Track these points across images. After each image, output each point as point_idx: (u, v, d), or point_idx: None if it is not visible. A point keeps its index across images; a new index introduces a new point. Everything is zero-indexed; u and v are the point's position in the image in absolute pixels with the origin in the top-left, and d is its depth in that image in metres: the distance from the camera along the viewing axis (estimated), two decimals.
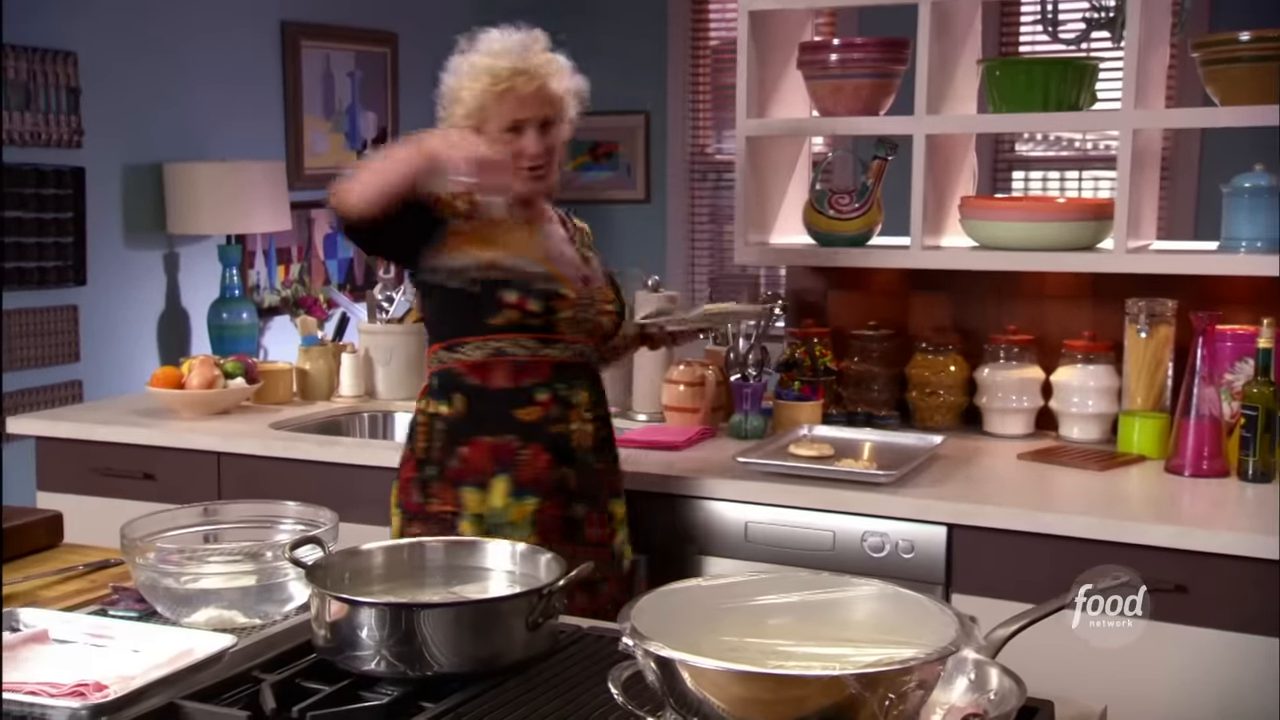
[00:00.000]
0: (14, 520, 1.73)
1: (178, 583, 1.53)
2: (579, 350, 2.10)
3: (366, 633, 1.37)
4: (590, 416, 2.11)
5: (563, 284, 2.06)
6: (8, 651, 1.37)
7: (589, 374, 2.13)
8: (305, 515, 1.68)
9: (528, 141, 2.02)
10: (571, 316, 2.07)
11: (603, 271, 2.22)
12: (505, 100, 2.01)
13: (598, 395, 2.15)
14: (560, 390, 2.07)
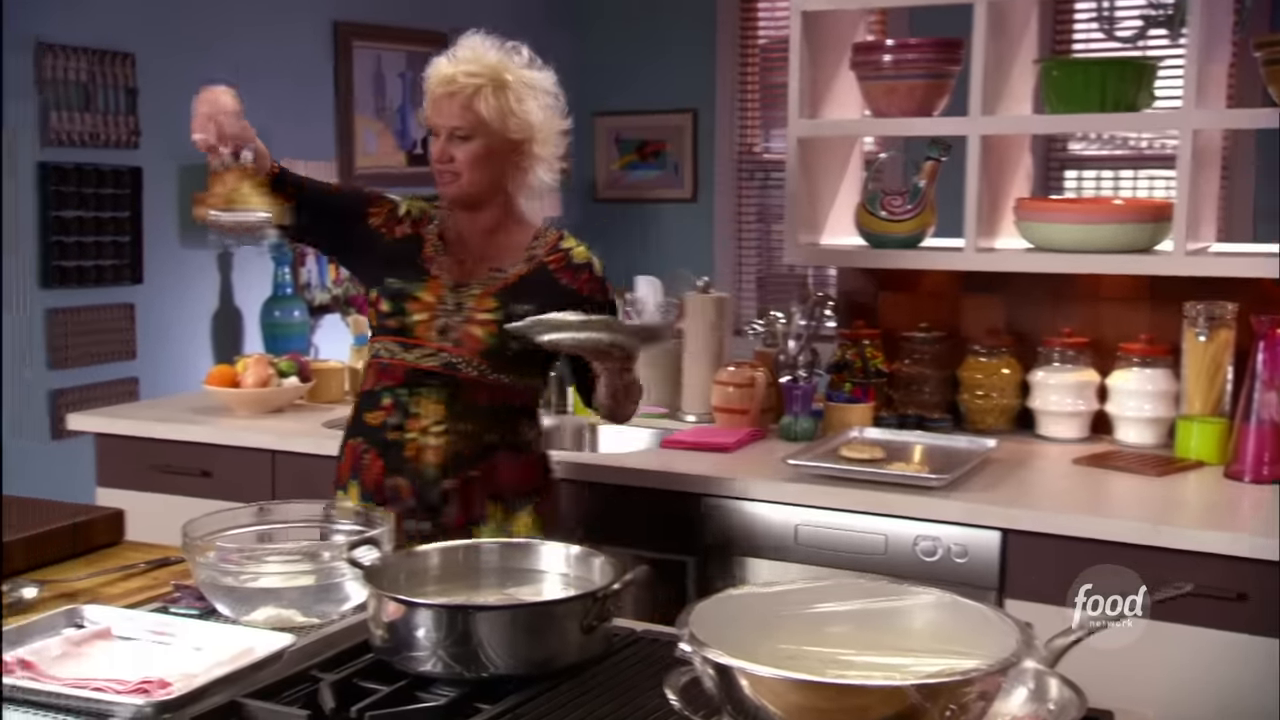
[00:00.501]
0: (78, 517, 1.76)
1: (237, 581, 1.54)
2: (445, 360, 2.05)
3: (423, 634, 1.38)
4: (438, 430, 2.04)
5: (424, 287, 2.07)
6: (74, 647, 1.39)
7: (450, 386, 2.05)
8: (360, 515, 1.69)
9: (433, 145, 2.09)
10: (428, 320, 2.06)
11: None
12: (432, 103, 2.08)
13: (460, 410, 2.04)
14: (401, 397, 2.06)
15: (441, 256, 2.12)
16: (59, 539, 1.70)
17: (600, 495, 2.48)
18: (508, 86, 2.05)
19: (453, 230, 2.14)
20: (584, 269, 2.15)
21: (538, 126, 2.07)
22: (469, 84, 2.03)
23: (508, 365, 2.07)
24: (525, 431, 2.14)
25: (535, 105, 2.07)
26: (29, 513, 1.78)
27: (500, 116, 2.04)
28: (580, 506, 2.49)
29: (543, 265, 2.12)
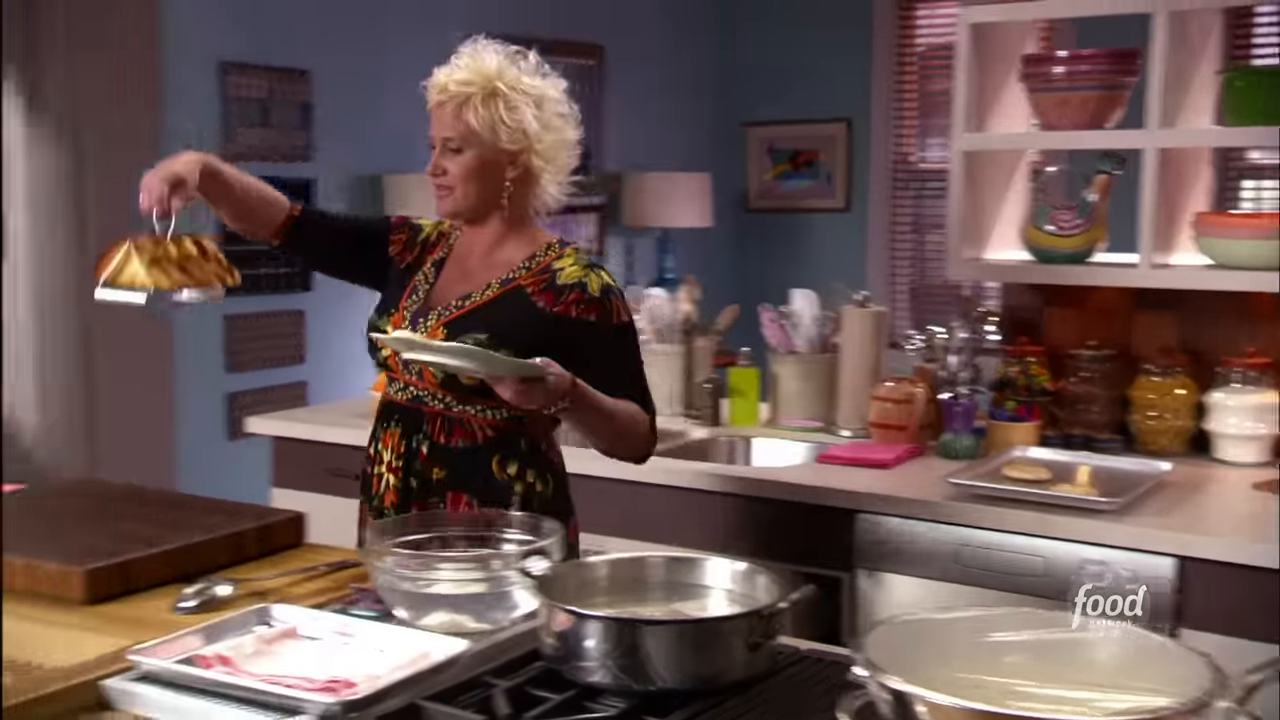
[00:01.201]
0: (263, 519, 1.85)
1: (414, 587, 1.60)
2: (412, 394, 1.98)
3: (592, 645, 1.41)
4: (396, 466, 1.98)
5: (389, 323, 2.00)
6: (265, 645, 1.46)
7: (414, 420, 1.97)
8: (528, 525, 1.73)
9: (433, 159, 2.00)
10: (392, 356, 1.98)
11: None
12: (430, 113, 2.01)
13: (415, 447, 1.97)
14: (376, 431, 2.04)
15: (426, 284, 2.03)
16: (248, 540, 1.79)
17: (753, 509, 2.48)
18: (498, 95, 1.93)
19: (458, 251, 2.06)
20: (571, 289, 1.95)
21: (534, 136, 1.94)
22: (459, 93, 1.94)
23: (473, 396, 1.93)
24: (496, 472, 1.97)
25: (531, 114, 1.94)
26: (220, 514, 1.88)
27: (490, 126, 1.93)
28: (732, 520, 2.50)
29: (517, 288, 1.97)
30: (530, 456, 2.00)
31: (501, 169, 1.96)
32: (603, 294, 1.97)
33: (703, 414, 2.95)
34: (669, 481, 2.58)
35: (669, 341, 3.04)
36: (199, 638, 1.46)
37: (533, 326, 1.93)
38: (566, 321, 1.94)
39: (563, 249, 2.03)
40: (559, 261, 1.99)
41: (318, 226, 2.09)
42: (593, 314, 1.95)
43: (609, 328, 1.97)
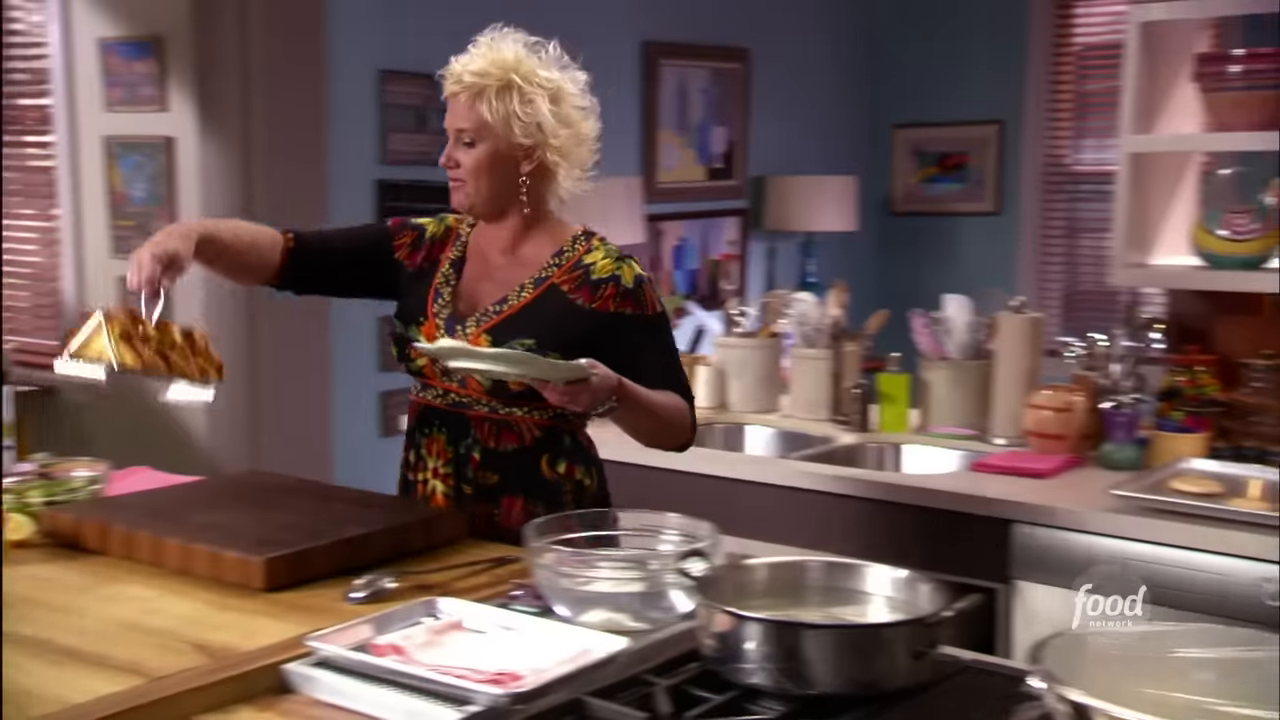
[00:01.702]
0: (427, 515, 1.90)
1: (573, 584, 1.62)
2: (453, 399, 1.96)
3: (752, 647, 1.41)
4: (445, 473, 1.97)
5: (420, 332, 1.96)
6: (434, 636, 1.51)
7: (459, 425, 1.95)
8: (685, 527, 1.74)
9: (447, 149, 1.95)
10: (428, 364, 1.95)
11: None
12: (446, 102, 1.96)
13: (465, 453, 1.95)
14: (416, 438, 2.01)
15: (446, 287, 1.99)
16: (413, 534, 1.84)
17: (903, 517, 2.45)
18: (514, 87, 1.89)
19: (476, 249, 2.01)
20: (606, 284, 1.92)
21: (549, 131, 1.90)
22: (474, 84, 1.89)
23: (519, 399, 1.91)
24: (546, 472, 1.97)
25: (546, 108, 1.90)
26: (382, 508, 1.94)
27: (504, 119, 1.88)
28: (881, 527, 2.46)
29: (553, 287, 1.93)
30: (575, 453, 2.00)
31: (516, 163, 1.91)
32: (636, 285, 1.94)
33: (850, 420, 2.92)
34: (817, 487, 2.57)
35: (816, 346, 3.02)
36: (370, 627, 1.51)
37: (573, 324, 1.91)
38: (605, 316, 1.92)
39: (590, 241, 1.99)
40: (589, 255, 1.96)
41: (317, 254, 2.02)
42: (629, 306, 1.93)
43: (646, 319, 1.94)
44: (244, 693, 1.36)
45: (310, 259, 2.01)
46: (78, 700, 1.29)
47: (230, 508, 1.90)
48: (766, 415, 3.10)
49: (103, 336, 1.66)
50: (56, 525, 1.81)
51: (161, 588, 1.65)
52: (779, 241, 5.23)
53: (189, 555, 1.69)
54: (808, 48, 5.20)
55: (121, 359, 1.66)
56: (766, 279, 5.20)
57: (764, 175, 5.09)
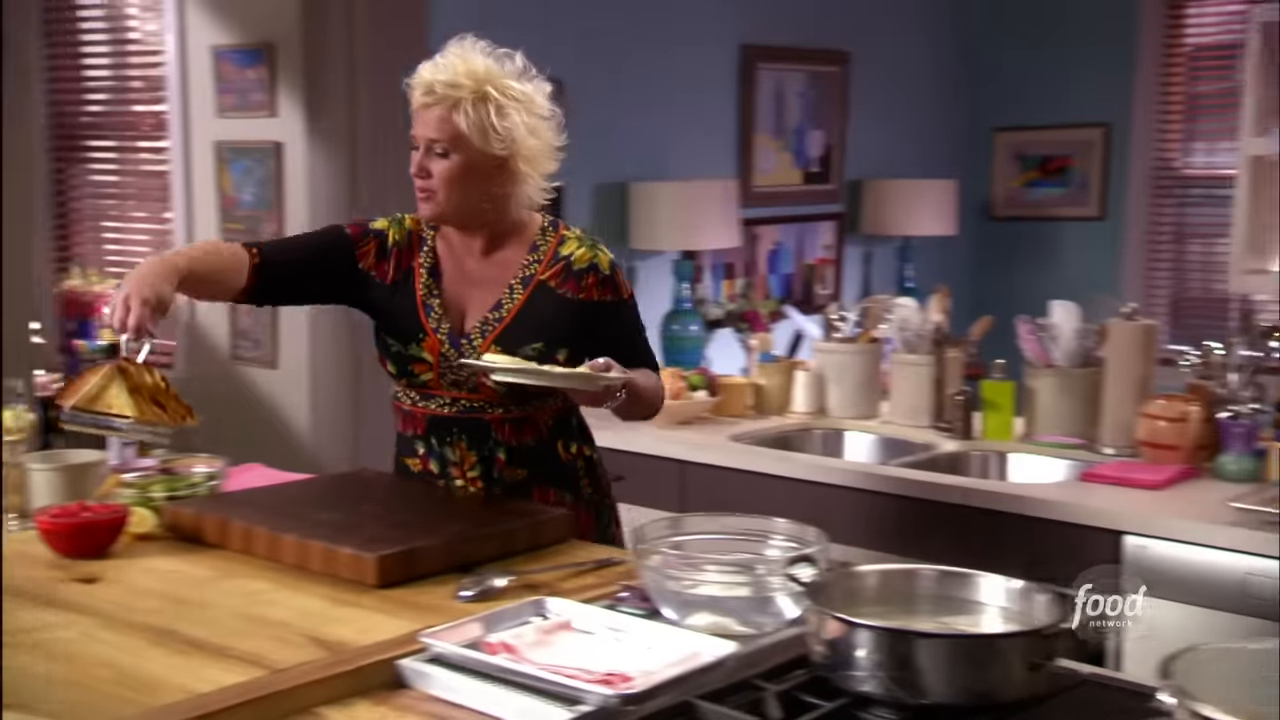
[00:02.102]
0: (533, 516, 1.92)
1: (680, 587, 1.62)
2: (465, 406, 2.00)
3: (863, 654, 1.40)
4: (475, 475, 2.01)
5: (423, 348, 1.99)
6: (544, 635, 1.52)
7: (477, 429, 2.00)
8: (792, 532, 1.73)
9: (412, 158, 1.96)
10: (435, 377, 1.99)
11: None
12: (413, 113, 1.97)
13: (487, 454, 2.01)
14: (434, 446, 2.02)
15: (433, 298, 2.02)
16: (519, 534, 1.86)
17: (1009, 526, 2.41)
18: (488, 99, 1.90)
19: (446, 254, 2.04)
20: (587, 273, 2.00)
21: (521, 142, 1.93)
22: (448, 95, 1.90)
23: (533, 395, 1.99)
24: (563, 456, 2.06)
25: (520, 119, 1.93)
26: (487, 508, 1.96)
27: (480, 131, 1.90)
28: (985, 536, 2.42)
29: (541, 284, 2.00)
30: (580, 431, 2.11)
31: (487, 173, 1.94)
32: (612, 271, 2.03)
33: (953, 427, 2.88)
34: (919, 494, 2.54)
35: (918, 351, 2.98)
36: (480, 625, 1.53)
37: (567, 317, 1.98)
38: (590, 305, 2.00)
39: (558, 230, 2.05)
40: (564, 247, 2.02)
41: (281, 268, 2.01)
42: (609, 294, 2.01)
43: (622, 304, 2.04)
44: (361, 686, 1.39)
45: (275, 274, 2.01)
46: (203, 690, 1.32)
47: (343, 505, 1.94)
48: (866, 421, 3.07)
49: (113, 389, 1.68)
50: (177, 520, 1.87)
51: (278, 582, 1.69)
52: (875, 246, 5.17)
53: (305, 551, 1.73)
54: (908, 50, 5.14)
55: (139, 412, 1.68)
56: (862, 284, 5.15)
57: (861, 179, 5.05)
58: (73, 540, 1.74)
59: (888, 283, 5.09)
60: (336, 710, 1.34)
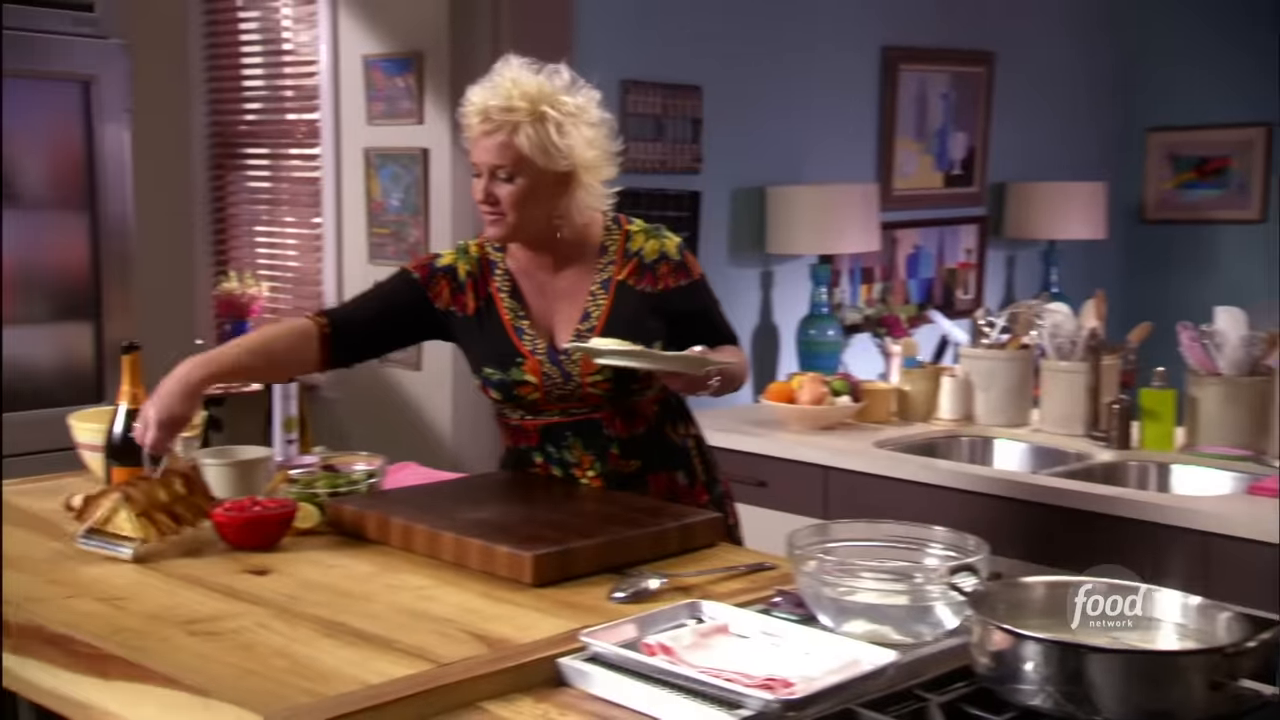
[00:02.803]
0: (684, 519, 1.92)
1: (836, 593, 1.60)
2: (573, 414, 2.04)
3: (1031, 668, 1.36)
4: (594, 474, 2.05)
5: (524, 371, 2.02)
6: (701, 638, 1.51)
7: (589, 429, 2.04)
8: (952, 540, 1.69)
9: (475, 185, 1.99)
10: (541, 396, 2.03)
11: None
12: (471, 140, 1.99)
13: (601, 451, 2.05)
14: (552, 453, 2.06)
15: (521, 319, 2.05)
16: (671, 537, 1.86)
17: (1172, 539, 2.32)
18: (546, 119, 1.92)
19: (521, 272, 2.08)
20: (660, 262, 2.05)
21: (581, 154, 1.96)
22: (505, 120, 1.92)
23: (636, 389, 2.04)
24: (672, 438, 2.11)
25: (579, 134, 1.95)
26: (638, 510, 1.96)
27: (542, 151, 1.93)
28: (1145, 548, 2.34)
29: (621, 285, 2.04)
30: (682, 410, 2.15)
31: (550, 189, 1.97)
32: (681, 255, 2.08)
33: (1109, 436, 2.79)
34: (1075, 505, 2.46)
35: (1071, 358, 2.89)
36: (635, 626, 1.53)
37: (650, 311, 2.03)
38: (668, 294, 2.05)
39: (621, 227, 2.08)
40: (631, 243, 2.06)
41: (357, 329, 2.06)
42: (682, 278, 2.06)
43: (696, 285, 2.08)
44: (522, 683, 1.41)
45: (350, 338, 2.06)
46: (374, 681, 1.36)
47: (498, 504, 1.97)
48: (1015, 429, 2.99)
49: (122, 513, 1.76)
50: (340, 516, 1.92)
51: (437, 578, 1.72)
52: (1019, 250, 5.05)
53: (463, 548, 1.76)
54: (1055, 49, 5.01)
55: (145, 534, 1.77)
56: (1004, 288, 5.03)
57: (1005, 182, 4.93)
58: (244, 532, 1.81)
59: (1031, 288, 4.97)
60: (500, 705, 1.36)
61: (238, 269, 4.31)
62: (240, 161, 4.35)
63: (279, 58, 4.21)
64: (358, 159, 3.90)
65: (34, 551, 1.83)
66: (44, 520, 1.99)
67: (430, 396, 3.80)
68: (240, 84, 4.31)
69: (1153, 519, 2.34)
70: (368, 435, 3.84)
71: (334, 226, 4.01)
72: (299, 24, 4.13)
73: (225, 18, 4.32)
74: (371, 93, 3.80)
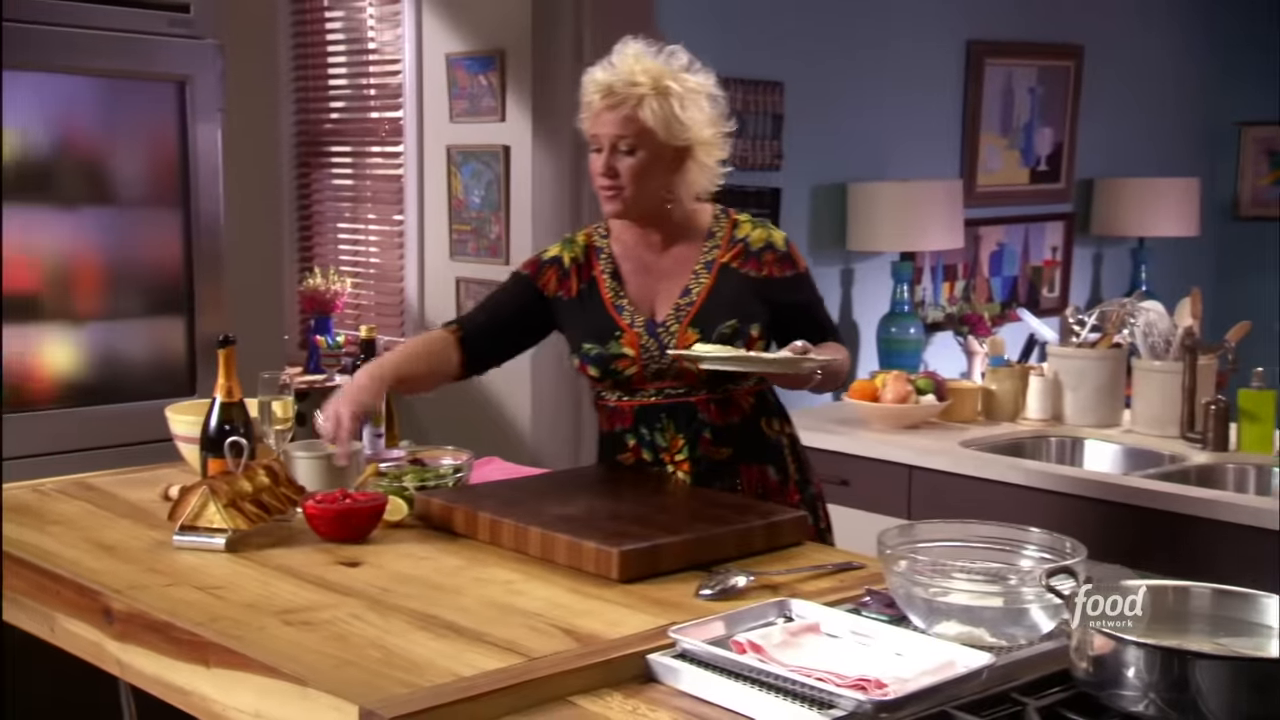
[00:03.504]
0: (771, 516, 1.90)
1: (928, 594, 1.58)
2: (669, 393, 2.05)
3: (1134, 673, 1.33)
4: (683, 458, 2.05)
5: (623, 345, 2.05)
6: (791, 637, 1.50)
7: (684, 412, 2.05)
8: (1047, 542, 1.66)
9: (595, 159, 2.02)
10: (638, 371, 2.05)
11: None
12: (592, 113, 2.02)
13: (694, 435, 2.06)
14: (644, 436, 2.07)
15: (621, 298, 2.09)
16: (757, 535, 1.85)
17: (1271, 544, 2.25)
18: (670, 93, 1.97)
19: (625, 254, 2.11)
20: (765, 250, 2.08)
21: (700, 130, 2.00)
22: (630, 93, 1.97)
23: (734, 377, 2.04)
24: (767, 432, 2.10)
25: (698, 111, 2.00)
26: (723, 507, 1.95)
27: (665, 124, 1.97)
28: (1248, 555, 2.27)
29: (724, 267, 2.07)
30: (779, 407, 2.15)
31: (668, 164, 2.01)
32: (787, 246, 2.10)
33: (1205, 438, 2.72)
34: (1169, 508, 2.40)
35: (1165, 358, 2.82)
36: (723, 624, 1.52)
37: (752, 296, 2.04)
38: (771, 280, 2.06)
39: (730, 215, 2.11)
40: (738, 230, 2.09)
41: (486, 335, 2.14)
42: (788, 269, 2.08)
43: (801, 278, 2.10)
44: (612, 678, 1.41)
45: (482, 343, 2.15)
46: (466, 673, 1.36)
47: (584, 499, 1.98)
48: (1106, 430, 2.93)
49: (211, 507, 1.81)
50: (429, 509, 1.94)
51: (524, 572, 1.73)
52: (1106, 247, 4.95)
53: (550, 543, 1.77)
54: (1146, 42, 4.89)
55: (235, 524, 1.81)
56: (1091, 286, 4.93)
57: (1092, 178, 4.83)
58: (335, 525, 1.83)
59: (1119, 286, 4.86)
60: (590, 700, 1.36)
61: (322, 265, 4.37)
62: (325, 160, 4.42)
63: (363, 57, 4.27)
64: (440, 156, 3.94)
65: (134, 541, 1.88)
66: (143, 510, 2.04)
67: (509, 390, 3.82)
68: (326, 83, 4.38)
69: (1251, 523, 2.28)
70: (446, 428, 3.88)
71: (416, 223, 4.05)
72: (383, 23, 4.18)
73: (312, 18, 4.38)
74: (454, 90, 3.83)
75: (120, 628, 1.58)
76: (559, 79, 3.61)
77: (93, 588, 1.65)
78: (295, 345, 4.33)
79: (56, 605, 1.70)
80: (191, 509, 1.82)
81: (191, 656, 1.47)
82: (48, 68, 2.83)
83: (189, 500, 1.83)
